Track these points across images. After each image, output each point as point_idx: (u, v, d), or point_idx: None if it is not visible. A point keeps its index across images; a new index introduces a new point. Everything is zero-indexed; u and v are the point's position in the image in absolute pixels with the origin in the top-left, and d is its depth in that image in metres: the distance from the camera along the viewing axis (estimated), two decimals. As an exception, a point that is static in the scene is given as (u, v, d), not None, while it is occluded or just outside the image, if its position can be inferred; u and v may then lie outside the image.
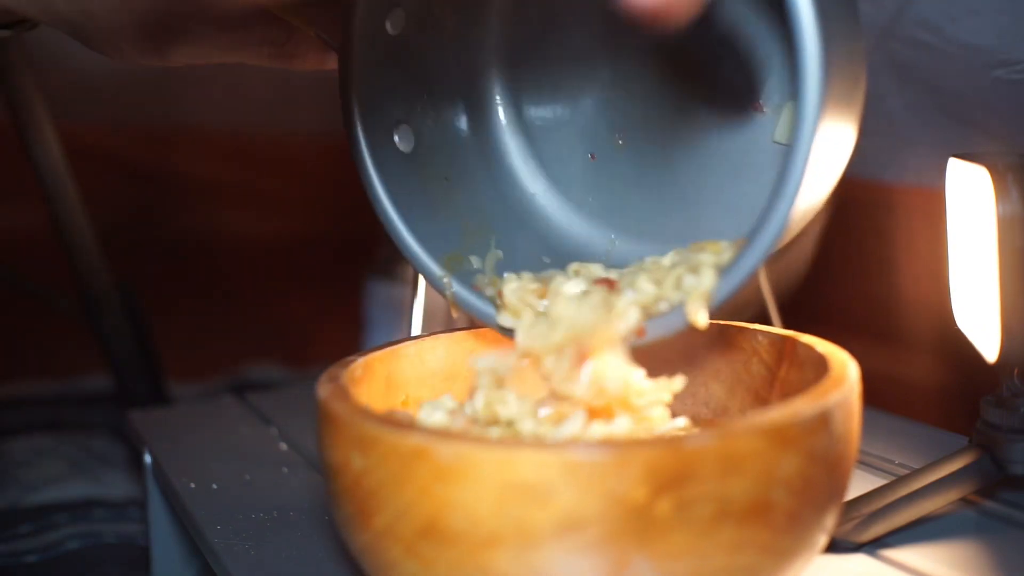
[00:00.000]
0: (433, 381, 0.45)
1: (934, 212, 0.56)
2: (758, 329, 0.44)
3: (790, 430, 0.32)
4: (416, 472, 0.31)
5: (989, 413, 0.47)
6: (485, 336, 0.46)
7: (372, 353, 0.43)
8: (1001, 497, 0.48)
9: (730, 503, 0.31)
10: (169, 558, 0.63)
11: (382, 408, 0.42)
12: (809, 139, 0.33)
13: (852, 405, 0.35)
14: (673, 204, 0.47)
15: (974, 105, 0.62)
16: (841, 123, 0.36)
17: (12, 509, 0.78)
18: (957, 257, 0.49)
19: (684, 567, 0.31)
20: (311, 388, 0.38)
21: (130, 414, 0.67)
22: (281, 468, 0.56)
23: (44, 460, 0.86)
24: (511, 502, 0.30)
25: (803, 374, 0.41)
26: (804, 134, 0.33)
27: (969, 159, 0.46)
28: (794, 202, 0.34)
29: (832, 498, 0.34)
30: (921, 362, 0.72)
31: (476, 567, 0.31)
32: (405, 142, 0.46)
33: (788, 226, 0.35)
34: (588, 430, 0.37)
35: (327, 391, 0.36)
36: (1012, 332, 0.45)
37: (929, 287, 0.69)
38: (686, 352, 0.47)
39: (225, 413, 0.67)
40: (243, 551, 0.45)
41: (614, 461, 0.30)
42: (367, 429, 0.33)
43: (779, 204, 0.34)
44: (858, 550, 0.43)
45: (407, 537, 0.32)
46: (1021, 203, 0.43)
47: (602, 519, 0.30)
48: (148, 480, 0.61)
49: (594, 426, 0.38)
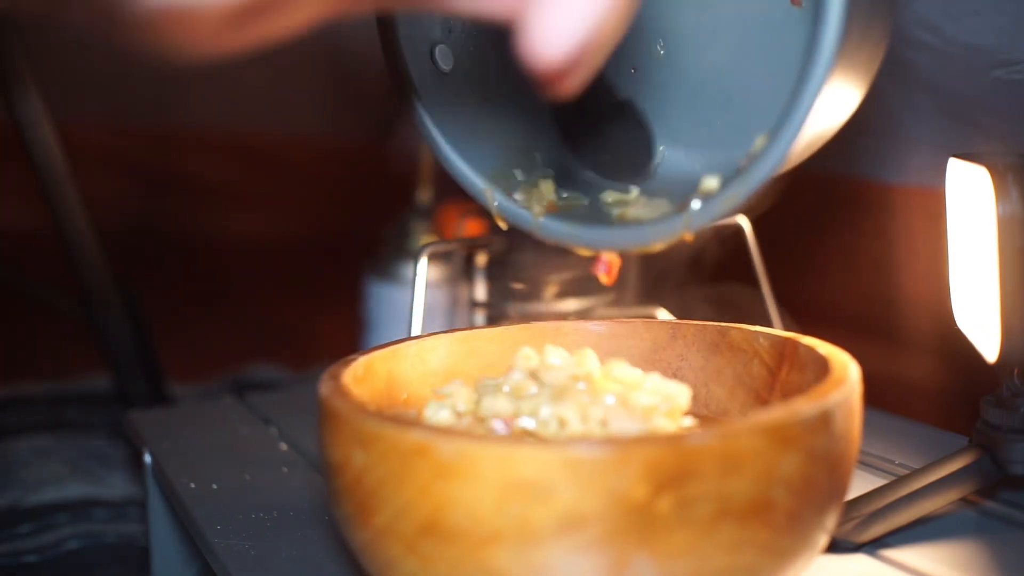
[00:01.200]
0: (434, 380, 0.45)
1: (934, 212, 0.56)
2: (759, 331, 0.44)
3: (791, 430, 0.32)
4: (417, 469, 0.31)
5: (989, 413, 0.47)
6: (486, 336, 0.46)
7: (373, 352, 0.43)
8: (1001, 497, 0.48)
9: (731, 502, 0.31)
10: (169, 558, 0.63)
11: (383, 407, 0.42)
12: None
13: (853, 405, 0.35)
14: (718, 110, 0.48)
15: (974, 105, 0.62)
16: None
17: (12, 509, 0.78)
18: (957, 257, 0.49)
19: (684, 566, 0.31)
20: (311, 388, 0.38)
21: (130, 414, 0.67)
22: (281, 468, 0.56)
23: (44, 460, 0.86)
24: (512, 500, 0.30)
25: (804, 376, 0.41)
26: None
27: (969, 159, 0.46)
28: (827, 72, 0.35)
29: (832, 498, 0.34)
30: (921, 362, 0.72)
31: (476, 565, 0.31)
32: (444, 61, 0.47)
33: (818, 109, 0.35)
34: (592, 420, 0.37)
35: (328, 389, 0.36)
36: (1012, 332, 0.45)
37: (929, 287, 0.69)
38: (688, 354, 0.47)
39: (225, 413, 0.67)
40: (243, 551, 0.45)
41: (615, 459, 0.30)
42: (368, 426, 0.33)
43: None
44: (858, 550, 0.43)
45: (408, 535, 0.32)
46: (1021, 203, 0.43)
47: (603, 517, 0.30)
48: (148, 480, 0.61)
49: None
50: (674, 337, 0.47)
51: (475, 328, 0.47)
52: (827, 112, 0.37)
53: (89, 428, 0.96)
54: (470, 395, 0.40)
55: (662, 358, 0.47)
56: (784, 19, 0.46)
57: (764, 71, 0.47)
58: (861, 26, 0.36)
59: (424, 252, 0.55)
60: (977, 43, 0.58)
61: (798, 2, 0.45)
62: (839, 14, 0.34)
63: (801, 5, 0.45)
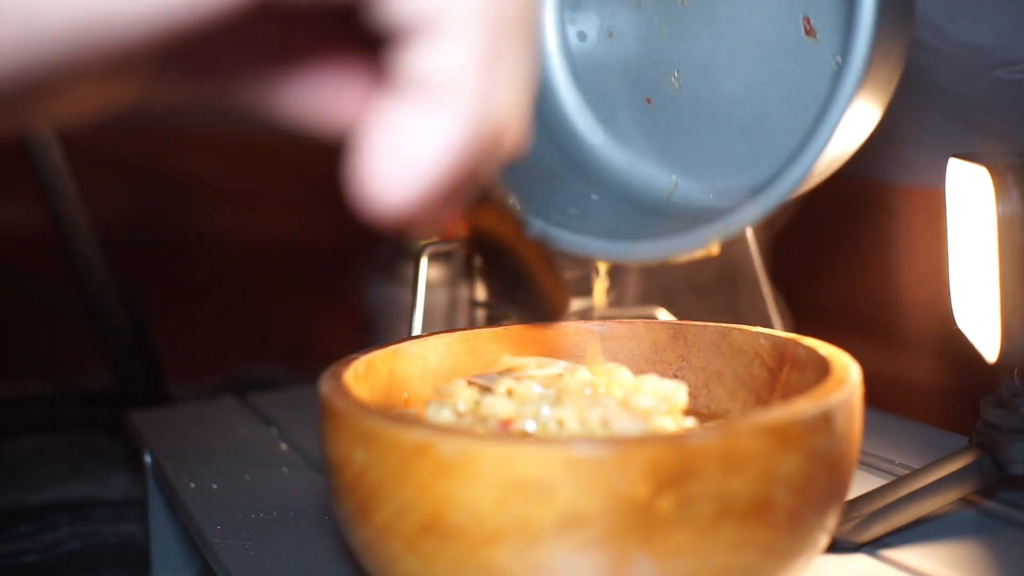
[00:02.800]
0: (435, 380, 0.45)
1: (934, 212, 0.56)
2: (760, 332, 0.44)
3: (792, 429, 0.32)
4: (418, 468, 0.31)
5: (989, 413, 0.47)
6: (486, 336, 0.46)
7: (375, 351, 0.43)
8: (1001, 497, 0.48)
9: (731, 502, 0.31)
10: (169, 558, 0.63)
11: (383, 406, 0.42)
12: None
13: (854, 406, 0.35)
14: (732, 139, 0.49)
15: (974, 105, 0.62)
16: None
17: (12, 509, 0.78)
18: (957, 257, 0.49)
19: (685, 565, 0.31)
20: (311, 388, 0.38)
21: (130, 414, 0.67)
22: (281, 468, 0.56)
23: (44, 460, 0.86)
24: (513, 499, 0.30)
25: (805, 376, 0.41)
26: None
27: (969, 159, 0.46)
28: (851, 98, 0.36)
29: (833, 498, 0.34)
30: (921, 362, 0.72)
31: (477, 564, 0.31)
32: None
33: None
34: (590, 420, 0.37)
35: (329, 388, 0.36)
36: (1012, 332, 0.45)
37: (929, 287, 0.69)
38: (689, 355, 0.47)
39: (225, 413, 0.67)
40: (243, 551, 0.45)
41: (616, 458, 0.30)
42: (369, 425, 0.33)
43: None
44: (858, 550, 0.43)
45: (408, 533, 0.32)
46: (1021, 203, 0.43)
47: (603, 516, 0.30)
48: (148, 480, 0.61)
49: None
50: (675, 338, 0.47)
51: (475, 328, 0.47)
52: (851, 131, 0.37)
53: (89, 428, 0.95)
54: (471, 395, 0.40)
55: (663, 359, 0.47)
56: (799, 50, 0.47)
57: (778, 101, 0.48)
58: (885, 48, 0.37)
59: (424, 252, 0.55)
60: (977, 43, 0.58)
61: (812, 33, 0.45)
62: (869, 26, 0.35)
63: (816, 37, 0.45)
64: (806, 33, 0.46)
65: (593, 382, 0.41)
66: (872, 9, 0.37)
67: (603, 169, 0.52)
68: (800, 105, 0.47)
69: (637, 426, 0.37)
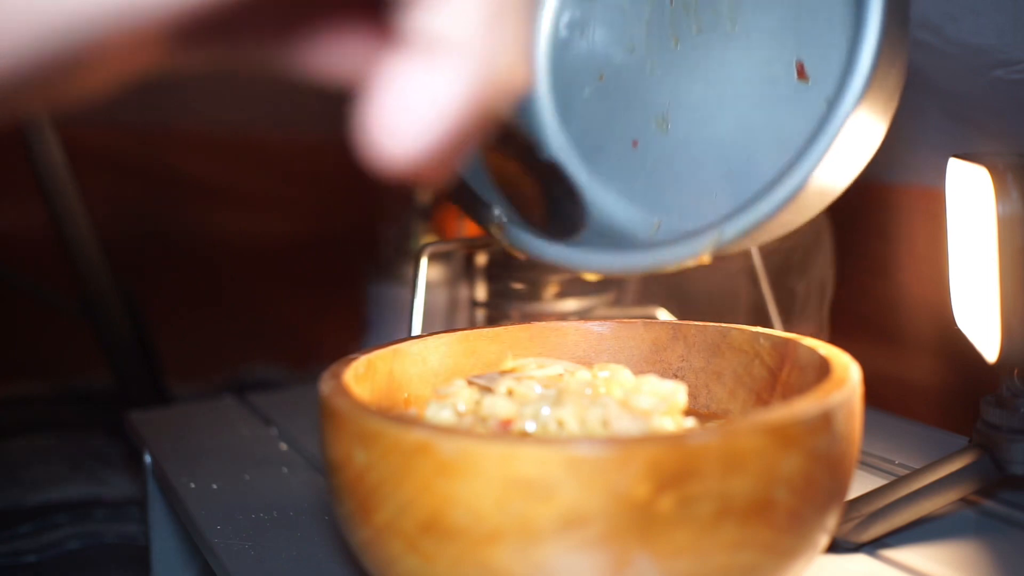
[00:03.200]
0: (435, 380, 0.45)
1: (934, 212, 0.56)
2: (760, 332, 0.44)
3: (792, 429, 0.32)
4: (418, 467, 0.31)
5: (989, 413, 0.47)
6: (486, 336, 0.46)
7: (375, 351, 0.43)
8: (1001, 497, 0.48)
9: (732, 501, 0.31)
10: (169, 558, 0.63)
11: (384, 406, 0.42)
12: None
13: (854, 406, 0.35)
14: (717, 181, 0.48)
15: (974, 105, 0.62)
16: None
17: (12, 509, 0.78)
18: (957, 257, 0.49)
19: (685, 565, 0.31)
20: (311, 388, 0.38)
21: (130, 414, 0.67)
22: (281, 468, 0.56)
23: (44, 460, 0.86)
24: (513, 498, 0.30)
25: (805, 377, 0.41)
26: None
27: (969, 159, 0.46)
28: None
29: (833, 498, 0.34)
30: (921, 362, 0.72)
31: (478, 563, 0.31)
32: None
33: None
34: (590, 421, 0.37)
35: (330, 387, 0.36)
36: (1012, 332, 0.45)
37: (929, 287, 0.70)
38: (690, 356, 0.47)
39: (225, 413, 0.67)
40: (243, 551, 0.45)
41: (616, 458, 0.30)
42: (369, 424, 0.33)
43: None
44: (858, 550, 0.43)
45: (409, 533, 0.32)
46: (1021, 203, 0.43)
47: (604, 516, 0.30)
48: (148, 480, 0.61)
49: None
50: (675, 338, 0.47)
51: (475, 328, 0.47)
52: (853, 144, 0.37)
53: (89, 428, 0.95)
54: (471, 395, 0.40)
55: (663, 359, 0.47)
56: (790, 93, 0.46)
57: (767, 144, 0.47)
58: (888, 61, 0.37)
59: (424, 252, 0.55)
60: (977, 43, 0.58)
61: (805, 77, 0.45)
62: (875, 37, 0.35)
63: (808, 80, 0.45)
64: (799, 76, 0.45)
65: (593, 382, 0.41)
66: (872, 52, 0.37)
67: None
68: (791, 149, 0.46)
69: (637, 426, 0.37)
